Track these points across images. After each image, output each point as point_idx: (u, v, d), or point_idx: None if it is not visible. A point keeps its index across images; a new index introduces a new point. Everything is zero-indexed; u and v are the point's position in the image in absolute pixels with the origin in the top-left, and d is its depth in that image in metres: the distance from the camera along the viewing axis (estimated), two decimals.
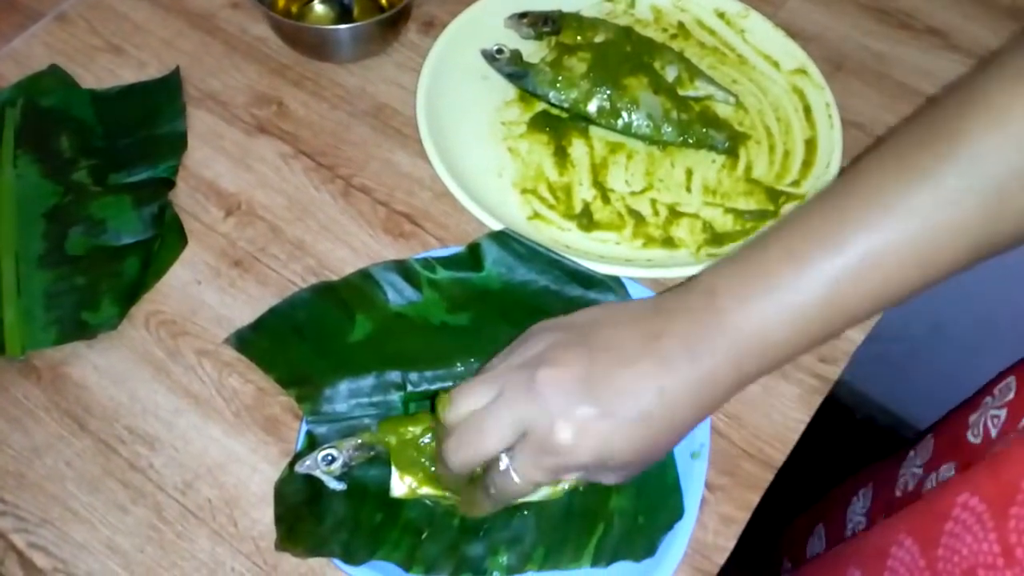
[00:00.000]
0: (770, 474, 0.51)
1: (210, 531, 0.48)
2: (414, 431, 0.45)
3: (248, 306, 0.55)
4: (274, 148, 0.62)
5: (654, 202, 0.60)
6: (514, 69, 0.64)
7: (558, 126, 0.63)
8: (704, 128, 0.62)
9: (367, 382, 0.51)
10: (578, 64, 0.63)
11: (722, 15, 0.69)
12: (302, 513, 0.47)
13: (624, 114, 0.62)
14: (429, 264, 0.55)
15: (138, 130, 0.62)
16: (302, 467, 0.46)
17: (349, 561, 0.45)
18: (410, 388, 0.51)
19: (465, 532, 0.47)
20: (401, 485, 0.45)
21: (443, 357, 0.51)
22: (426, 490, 0.45)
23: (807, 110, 0.64)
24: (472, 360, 0.51)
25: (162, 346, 0.54)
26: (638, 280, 0.55)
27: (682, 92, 0.64)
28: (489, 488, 0.41)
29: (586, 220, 0.59)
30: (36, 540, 0.48)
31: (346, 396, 0.50)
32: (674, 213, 0.60)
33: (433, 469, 0.44)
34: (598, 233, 0.59)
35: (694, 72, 0.65)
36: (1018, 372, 0.54)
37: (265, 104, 0.65)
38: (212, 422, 0.51)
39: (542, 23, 0.66)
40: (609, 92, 0.62)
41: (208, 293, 0.56)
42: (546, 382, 0.38)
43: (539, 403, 0.38)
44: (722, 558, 0.48)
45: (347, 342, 0.52)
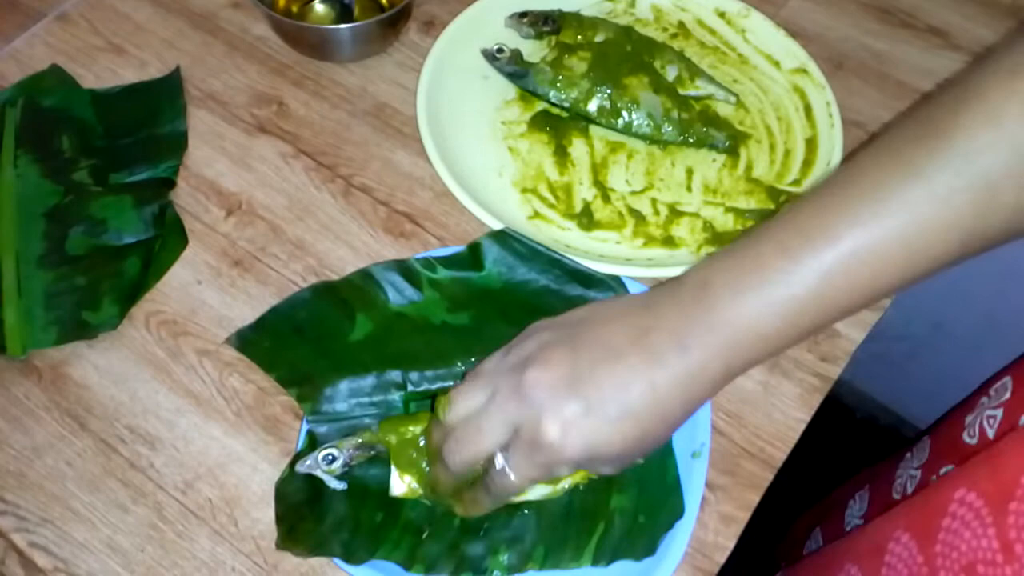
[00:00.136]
0: (771, 473, 0.51)
1: (211, 531, 0.48)
2: (414, 431, 0.45)
3: (249, 306, 0.55)
4: (275, 148, 0.62)
5: (654, 201, 0.60)
6: (514, 68, 0.64)
7: (558, 125, 0.63)
8: (705, 127, 0.62)
9: (368, 382, 0.51)
10: (578, 63, 0.63)
11: (723, 14, 0.69)
12: (303, 513, 0.47)
13: (624, 113, 0.62)
14: (429, 264, 0.55)
15: (139, 130, 0.62)
16: (303, 467, 0.46)
17: (350, 560, 0.45)
18: (411, 388, 0.51)
19: (465, 531, 0.47)
20: (401, 484, 0.45)
21: (444, 356, 0.51)
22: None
23: (808, 109, 0.64)
24: (472, 360, 0.51)
25: (163, 346, 0.54)
26: (638, 279, 0.55)
27: (682, 91, 0.64)
28: (488, 486, 0.41)
29: (586, 219, 0.59)
30: (37, 539, 0.48)
31: (347, 396, 0.50)
32: (674, 212, 0.60)
33: (428, 470, 0.45)
34: (598, 232, 0.59)
35: (694, 71, 0.65)
36: (1014, 372, 0.54)
37: (266, 104, 0.65)
38: (213, 422, 0.51)
39: (542, 22, 0.66)
40: (609, 91, 0.62)
41: (209, 293, 0.56)
42: (533, 383, 0.39)
43: (527, 403, 0.39)
44: (722, 557, 0.48)
45: (348, 342, 0.52)
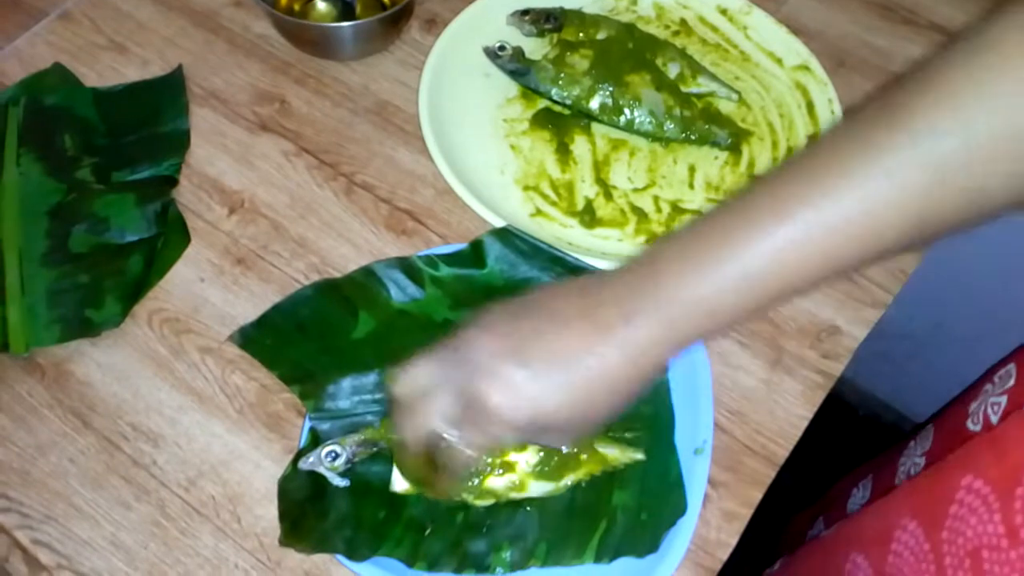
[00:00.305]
0: (773, 470, 0.51)
1: (214, 527, 0.48)
2: None
3: (251, 303, 0.55)
4: (277, 146, 0.63)
5: (657, 199, 0.60)
6: (516, 66, 0.64)
7: (560, 123, 0.63)
8: (707, 124, 0.62)
9: (370, 379, 0.51)
10: (580, 61, 0.63)
11: (724, 11, 0.69)
12: (306, 509, 0.47)
13: (626, 111, 0.62)
14: (432, 261, 0.55)
15: (141, 128, 0.62)
16: (305, 464, 0.46)
17: (352, 557, 0.45)
18: None
19: (468, 528, 0.47)
20: (402, 481, 0.45)
21: None
22: None
23: (810, 106, 0.64)
24: None
25: (165, 343, 0.54)
26: None
27: (684, 89, 0.64)
28: (447, 464, 0.41)
29: (588, 217, 0.59)
30: (40, 537, 0.48)
31: (349, 393, 0.50)
32: (677, 210, 0.60)
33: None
34: (600, 230, 0.59)
35: (696, 69, 0.65)
36: (1018, 359, 0.54)
37: (268, 102, 0.65)
38: (215, 419, 0.52)
39: (544, 20, 0.66)
40: (611, 89, 0.62)
41: (211, 291, 0.56)
42: (477, 348, 0.39)
43: (470, 368, 0.38)
44: (725, 554, 0.48)
45: (350, 339, 0.52)
